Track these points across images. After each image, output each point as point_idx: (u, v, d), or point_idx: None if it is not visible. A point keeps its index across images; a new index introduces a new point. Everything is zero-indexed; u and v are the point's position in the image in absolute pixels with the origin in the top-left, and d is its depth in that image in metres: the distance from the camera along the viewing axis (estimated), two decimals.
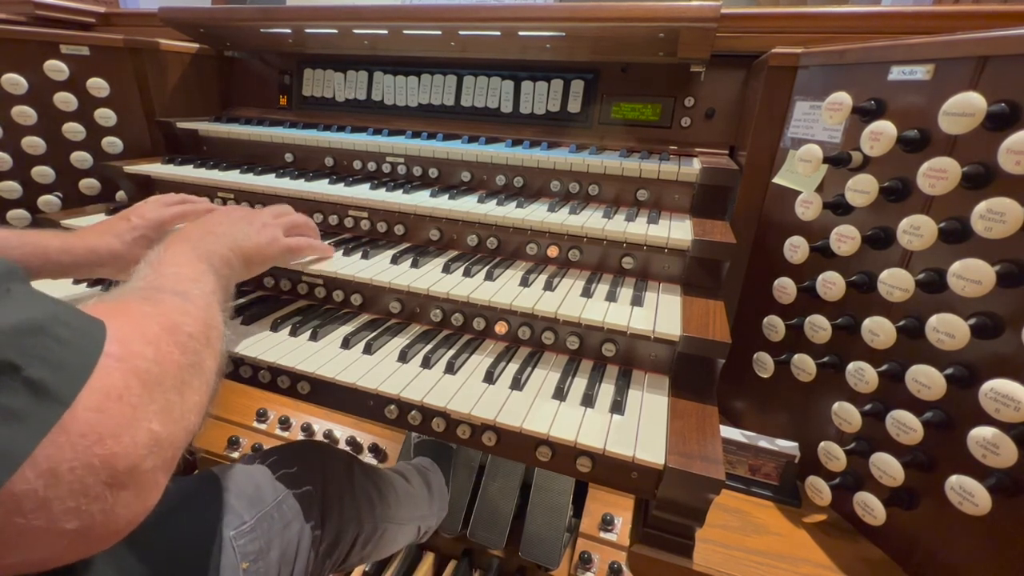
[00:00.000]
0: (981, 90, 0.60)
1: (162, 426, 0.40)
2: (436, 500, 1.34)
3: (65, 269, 0.84)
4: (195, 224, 0.79)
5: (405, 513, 1.14)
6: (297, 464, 0.90)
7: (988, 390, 0.59)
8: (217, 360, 0.55)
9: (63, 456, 0.33)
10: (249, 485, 0.82)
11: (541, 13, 1.04)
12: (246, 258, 0.79)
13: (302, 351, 0.87)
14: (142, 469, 0.38)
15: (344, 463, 1.01)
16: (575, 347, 0.90)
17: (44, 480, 0.33)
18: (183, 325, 0.49)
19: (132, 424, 0.38)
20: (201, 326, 0.52)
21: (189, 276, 0.61)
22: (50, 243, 0.83)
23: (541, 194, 1.18)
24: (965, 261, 0.61)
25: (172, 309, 0.51)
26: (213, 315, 0.57)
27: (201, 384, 0.49)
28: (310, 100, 1.52)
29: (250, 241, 0.81)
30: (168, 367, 0.44)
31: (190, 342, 0.49)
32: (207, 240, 0.74)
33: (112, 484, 0.36)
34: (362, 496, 1.00)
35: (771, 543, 0.81)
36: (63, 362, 0.35)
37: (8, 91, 1.22)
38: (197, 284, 0.61)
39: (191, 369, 0.47)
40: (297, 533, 0.82)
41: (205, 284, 0.62)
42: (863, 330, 0.75)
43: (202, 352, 0.51)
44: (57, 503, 0.33)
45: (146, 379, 0.40)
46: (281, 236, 0.88)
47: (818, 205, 0.82)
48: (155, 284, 0.57)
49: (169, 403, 0.42)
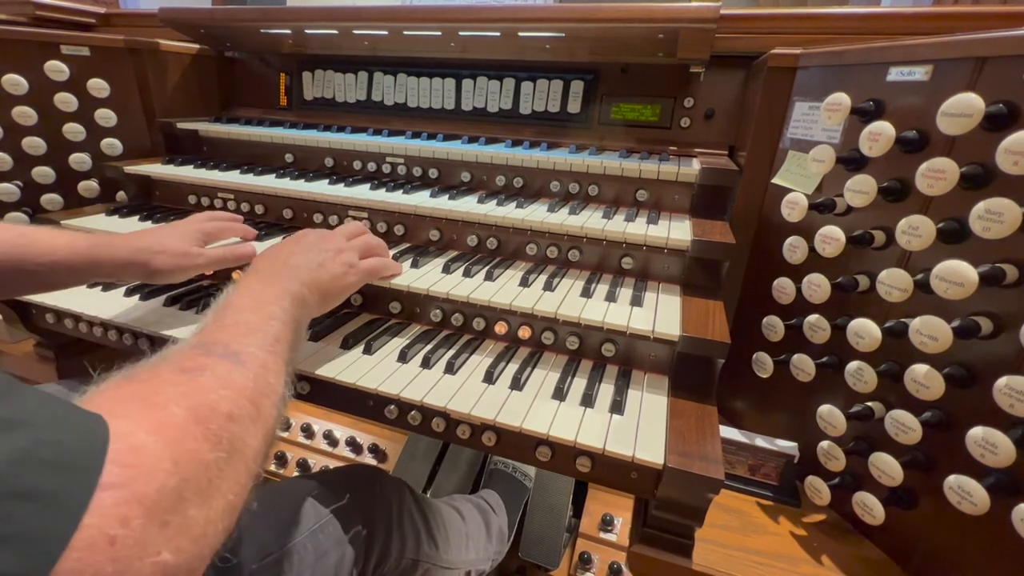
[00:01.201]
0: (979, 91, 0.60)
1: (175, 554, 0.33)
2: (494, 543, 1.25)
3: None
4: (266, 256, 0.73)
5: (453, 556, 1.06)
6: (347, 490, 0.84)
7: (1003, 386, 0.58)
8: (267, 436, 0.47)
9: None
10: (284, 510, 0.76)
11: (541, 14, 1.05)
12: (322, 292, 0.72)
13: (302, 351, 0.87)
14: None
15: (396, 490, 0.96)
16: (575, 347, 0.90)
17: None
18: (220, 404, 0.42)
19: (128, 569, 0.30)
20: (248, 399, 0.45)
21: (251, 326, 0.55)
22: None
23: (541, 194, 1.18)
24: (946, 263, 0.61)
25: (212, 384, 0.44)
26: (269, 379, 0.51)
27: (237, 477, 0.41)
28: (310, 101, 1.52)
29: (326, 272, 0.73)
30: (191, 471, 0.36)
31: (227, 427, 0.41)
32: (281, 276, 0.67)
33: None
34: (408, 527, 0.94)
35: (770, 543, 0.81)
36: (30, 533, 0.27)
37: (8, 92, 1.22)
38: (257, 336, 0.54)
39: (224, 464, 0.39)
40: (335, 565, 0.76)
41: (267, 333, 0.55)
42: (848, 332, 0.75)
43: (243, 435, 0.43)
44: None
45: (156, 502, 0.32)
46: (358, 261, 0.81)
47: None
48: (207, 341, 0.51)
49: (188, 520, 0.35)
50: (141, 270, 0.84)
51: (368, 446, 1.63)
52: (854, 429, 0.79)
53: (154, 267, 0.83)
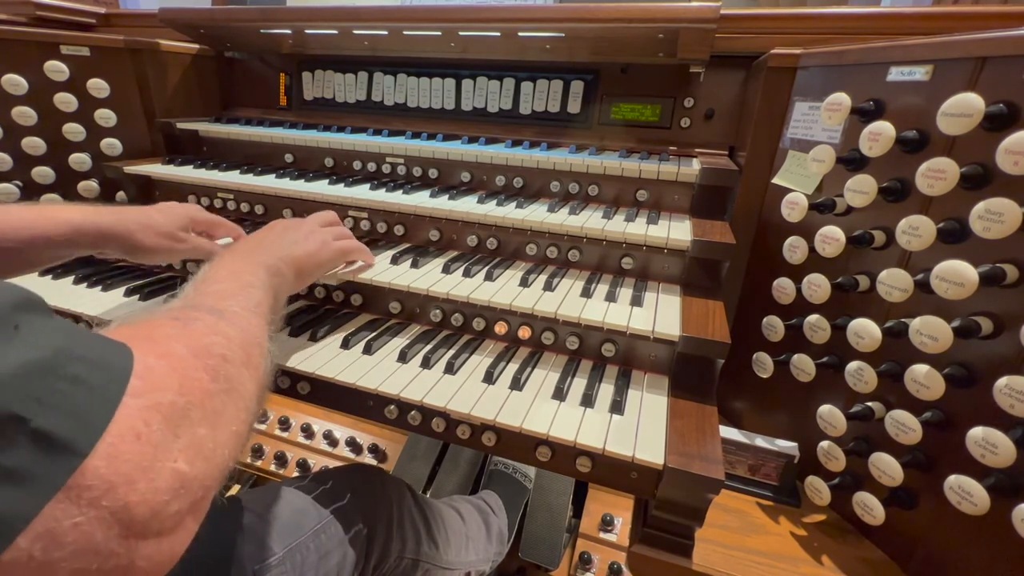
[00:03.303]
0: (979, 91, 0.60)
1: (190, 465, 0.36)
2: (494, 544, 1.27)
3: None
4: (242, 240, 0.76)
5: (453, 557, 1.07)
6: (350, 492, 0.85)
7: (1003, 386, 0.58)
8: (259, 381, 0.50)
9: (65, 514, 0.29)
10: (286, 510, 0.77)
11: (541, 14, 1.05)
12: (297, 266, 0.75)
13: (302, 351, 0.87)
14: (165, 515, 0.34)
15: (397, 490, 0.96)
16: (575, 347, 0.90)
17: (41, 544, 0.28)
18: (214, 346, 0.45)
19: (152, 466, 0.33)
20: (237, 345, 0.48)
21: (230, 291, 0.57)
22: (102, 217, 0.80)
23: (541, 194, 1.18)
24: (946, 263, 0.61)
25: (204, 329, 0.47)
26: (254, 332, 0.53)
27: (238, 411, 0.44)
28: (310, 101, 1.52)
29: (299, 248, 0.77)
30: (197, 396, 0.39)
31: (223, 365, 0.44)
32: (254, 253, 0.70)
33: (128, 536, 0.32)
34: (409, 527, 0.95)
35: (770, 543, 0.81)
36: (78, 407, 0.31)
37: (8, 92, 1.22)
38: (238, 299, 0.56)
39: (225, 396, 0.43)
40: (337, 565, 0.77)
41: (248, 298, 0.58)
42: (848, 332, 0.75)
43: (239, 375, 0.46)
44: (60, 565, 0.29)
45: (170, 413, 0.36)
46: (331, 240, 0.84)
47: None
48: (191, 303, 0.53)
49: (198, 438, 0.38)
50: (123, 243, 0.82)
51: (368, 446, 1.63)
52: (854, 429, 0.79)
53: (136, 241, 0.82)
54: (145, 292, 1.04)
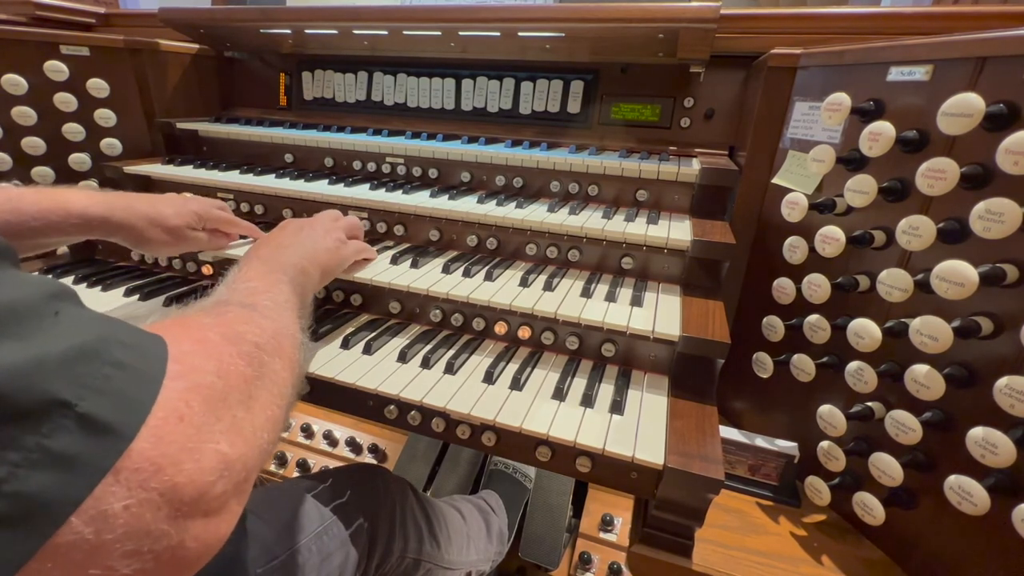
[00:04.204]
0: (980, 91, 0.60)
1: (231, 446, 0.36)
2: (494, 544, 1.27)
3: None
4: (262, 242, 0.76)
5: (455, 556, 1.08)
6: (351, 489, 0.86)
7: (1003, 386, 0.58)
8: (293, 370, 0.51)
9: (114, 496, 0.29)
10: (288, 512, 0.77)
11: (541, 14, 1.05)
12: (322, 265, 0.77)
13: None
14: (211, 496, 0.34)
15: (399, 489, 0.97)
16: (575, 347, 0.90)
17: (93, 526, 0.28)
18: (247, 334, 0.46)
19: (196, 447, 0.34)
20: (270, 335, 0.49)
21: (261, 289, 0.59)
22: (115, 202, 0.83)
23: (541, 194, 1.18)
24: (946, 263, 0.61)
25: (235, 319, 0.48)
26: (285, 323, 0.54)
27: (273, 397, 0.45)
28: (310, 101, 1.52)
29: (320, 246, 0.79)
30: (233, 380, 0.40)
31: (256, 352, 0.45)
32: (279, 253, 0.71)
33: (177, 517, 0.32)
34: (411, 525, 0.95)
35: (770, 543, 0.81)
36: (122, 391, 0.31)
37: (8, 92, 1.22)
38: (268, 295, 0.58)
39: (260, 382, 0.43)
40: (339, 566, 0.78)
41: (277, 295, 0.59)
42: (848, 332, 0.75)
43: (272, 362, 0.47)
44: (114, 547, 0.29)
45: (209, 395, 0.37)
46: (345, 238, 0.87)
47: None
48: (223, 299, 0.55)
49: (237, 420, 0.38)
50: (131, 236, 0.86)
51: (368, 446, 1.63)
52: (854, 429, 0.79)
53: (143, 236, 0.86)
54: (145, 292, 1.04)
